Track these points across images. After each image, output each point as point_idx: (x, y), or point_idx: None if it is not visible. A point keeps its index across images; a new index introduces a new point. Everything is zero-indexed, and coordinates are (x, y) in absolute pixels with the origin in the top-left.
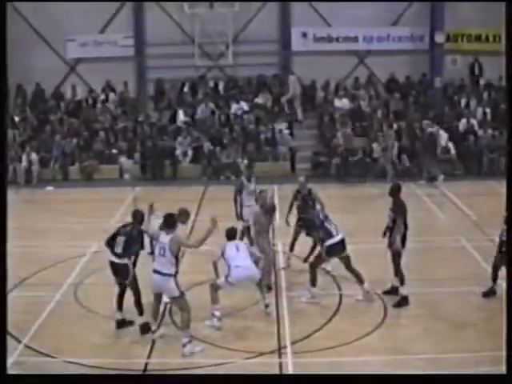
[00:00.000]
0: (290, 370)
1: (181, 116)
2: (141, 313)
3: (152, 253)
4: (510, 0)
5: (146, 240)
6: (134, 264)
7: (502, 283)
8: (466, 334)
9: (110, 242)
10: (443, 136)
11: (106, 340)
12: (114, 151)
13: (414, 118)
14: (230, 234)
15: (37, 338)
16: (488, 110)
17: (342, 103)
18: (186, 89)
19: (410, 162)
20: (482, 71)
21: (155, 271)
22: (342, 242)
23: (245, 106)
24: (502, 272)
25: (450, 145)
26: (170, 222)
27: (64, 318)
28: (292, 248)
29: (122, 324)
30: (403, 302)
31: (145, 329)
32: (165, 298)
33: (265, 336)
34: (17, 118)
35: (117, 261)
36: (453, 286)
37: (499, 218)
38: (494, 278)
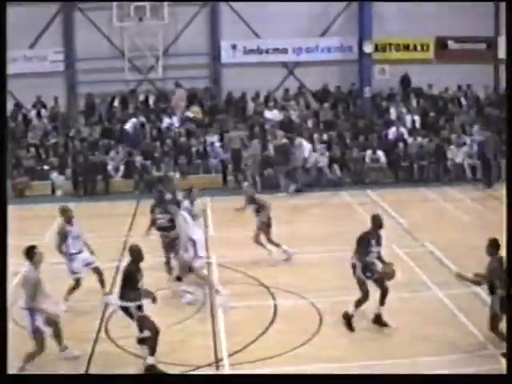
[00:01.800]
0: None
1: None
2: None
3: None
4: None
5: None
6: None
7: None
8: (400, 339)
9: None
10: (306, 147)
11: (39, 358)
12: (46, 167)
13: (345, 128)
14: None
15: None
16: (417, 118)
17: (273, 114)
18: (116, 103)
19: (341, 171)
20: (410, 82)
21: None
22: None
23: (176, 119)
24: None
25: (380, 153)
26: (28, 255)
27: None
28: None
29: None
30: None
31: None
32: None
33: (201, 349)
34: None
35: None
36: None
37: (430, 224)
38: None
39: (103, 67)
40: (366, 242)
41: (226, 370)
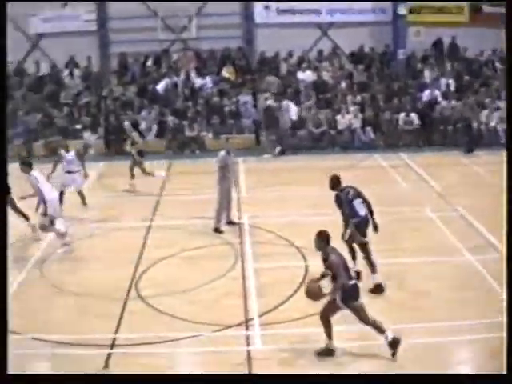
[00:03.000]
0: (256, 342)
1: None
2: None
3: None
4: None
5: None
6: None
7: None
8: (434, 303)
9: None
10: (292, 109)
11: (72, 316)
12: (78, 126)
13: (378, 90)
14: None
15: None
16: (451, 81)
17: (306, 75)
18: (149, 63)
19: (374, 134)
20: (443, 46)
21: None
22: None
23: (209, 79)
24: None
25: (414, 116)
26: None
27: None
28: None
29: None
30: (378, 289)
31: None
32: None
33: (232, 308)
34: None
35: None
36: (419, 256)
37: (463, 188)
38: None
39: (136, 27)
40: None
41: (257, 330)
